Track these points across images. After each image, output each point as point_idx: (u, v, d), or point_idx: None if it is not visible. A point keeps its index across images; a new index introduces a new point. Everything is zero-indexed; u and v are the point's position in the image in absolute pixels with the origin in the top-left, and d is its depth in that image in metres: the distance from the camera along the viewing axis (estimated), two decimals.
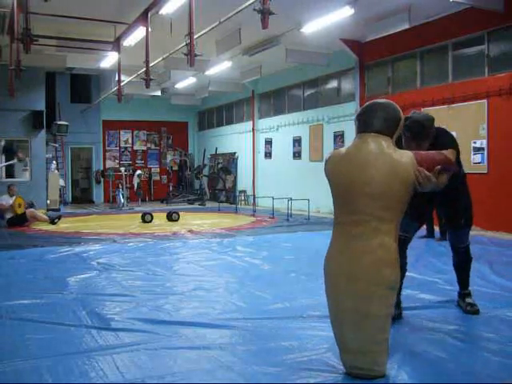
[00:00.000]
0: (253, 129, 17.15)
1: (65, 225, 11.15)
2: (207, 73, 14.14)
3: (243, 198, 17.45)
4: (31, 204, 12.18)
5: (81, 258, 6.83)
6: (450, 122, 9.66)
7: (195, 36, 7.42)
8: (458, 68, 9.96)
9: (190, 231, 9.72)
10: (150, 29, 8.91)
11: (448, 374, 2.90)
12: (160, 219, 11.83)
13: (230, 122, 19.07)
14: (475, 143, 9.43)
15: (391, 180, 2.77)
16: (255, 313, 4.13)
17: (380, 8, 9.60)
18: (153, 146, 21.02)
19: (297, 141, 14.91)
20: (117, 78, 11.63)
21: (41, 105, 15.46)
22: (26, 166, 15.55)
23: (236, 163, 18.43)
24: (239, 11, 7.88)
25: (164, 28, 9.33)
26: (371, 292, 2.74)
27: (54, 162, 16.07)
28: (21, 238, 9.00)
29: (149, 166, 20.80)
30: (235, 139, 18.43)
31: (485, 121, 9.29)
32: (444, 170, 2.94)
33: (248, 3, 7.39)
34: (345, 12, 9.04)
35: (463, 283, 4.22)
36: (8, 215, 10.88)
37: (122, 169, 17.30)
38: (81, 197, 19.85)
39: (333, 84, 13.67)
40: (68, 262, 6.57)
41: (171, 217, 11.70)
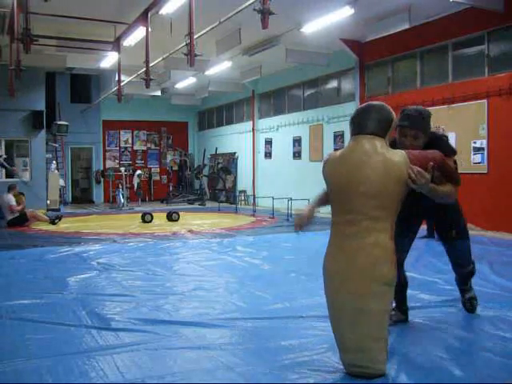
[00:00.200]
0: (253, 129, 17.15)
1: (65, 225, 11.15)
2: (207, 73, 14.14)
3: (243, 198, 17.45)
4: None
5: (81, 258, 6.83)
6: (450, 122, 9.71)
7: (195, 36, 7.43)
8: (458, 68, 9.96)
9: (190, 231, 9.72)
10: (150, 29, 8.91)
11: (448, 374, 2.89)
12: (160, 219, 11.83)
13: (230, 122, 19.07)
14: (475, 143, 9.43)
15: (386, 179, 2.80)
16: (255, 313, 4.13)
17: (380, 8, 9.60)
18: (153, 146, 21.02)
19: (297, 141, 14.91)
20: (117, 78, 11.63)
21: (41, 105, 15.48)
22: (27, 166, 15.58)
23: (236, 163, 18.43)
24: (239, 11, 7.88)
25: (164, 28, 9.34)
26: (367, 289, 2.76)
27: (54, 162, 16.07)
28: (21, 238, 9.00)
29: (149, 166, 20.80)
30: (235, 139, 18.43)
31: (485, 121, 9.29)
32: (438, 168, 2.95)
33: (248, 3, 7.39)
34: (345, 12, 9.05)
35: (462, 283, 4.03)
36: (11, 215, 10.89)
37: (122, 169, 17.30)
38: (81, 197, 19.85)
39: (333, 84, 13.67)
40: (68, 262, 6.57)
41: (171, 217, 11.70)
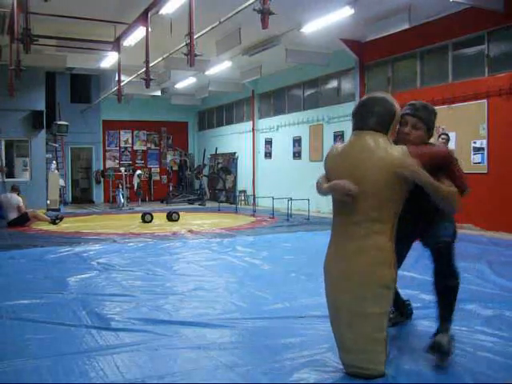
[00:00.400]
0: (253, 129, 17.15)
1: (65, 225, 11.14)
2: (207, 73, 14.14)
3: (243, 198, 17.45)
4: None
5: (81, 258, 6.83)
6: (450, 122, 9.70)
7: (195, 36, 7.42)
8: (458, 68, 9.96)
9: (190, 231, 9.72)
10: (150, 29, 8.90)
11: (448, 375, 2.89)
12: (160, 219, 11.83)
13: (230, 122, 19.07)
14: (475, 143, 9.43)
15: (385, 177, 2.75)
16: (255, 313, 4.13)
17: (380, 8, 9.60)
18: (153, 146, 21.02)
19: (297, 141, 14.91)
20: (117, 78, 11.62)
21: (41, 105, 15.47)
22: (27, 166, 15.58)
23: (236, 163, 18.42)
24: (239, 11, 7.89)
25: (164, 28, 9.34)
26: (366, 291, 2.76)
27: (54, 162, 16.06)
28: (21, 238, 8.99)
29: (149, 166, 20.80)
30: (235, 139, 18.42)
31: (485, 121, 9.29)
32: (440, 166, 2.93)
33: (248, 3, 7.39)
34: (345, 12, 9.05)
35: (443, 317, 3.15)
36: (14, 215, 10.89)
37: (122, 169, 17.30)
38: (81, 197, 19.85)
39: (333, 84, 13.67)
40: (68, 262, 6.57)
41: (171, 217, 11.70)
